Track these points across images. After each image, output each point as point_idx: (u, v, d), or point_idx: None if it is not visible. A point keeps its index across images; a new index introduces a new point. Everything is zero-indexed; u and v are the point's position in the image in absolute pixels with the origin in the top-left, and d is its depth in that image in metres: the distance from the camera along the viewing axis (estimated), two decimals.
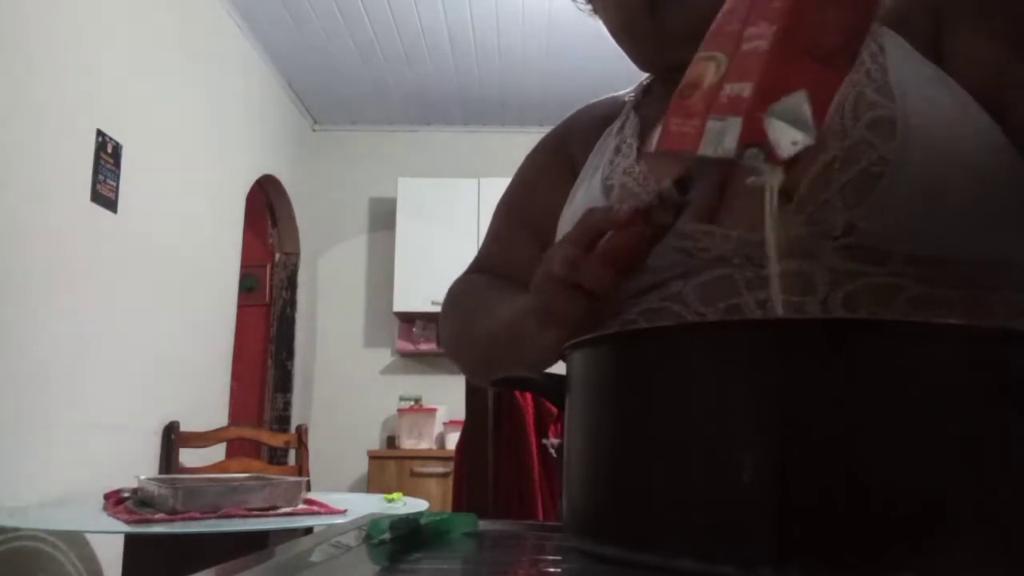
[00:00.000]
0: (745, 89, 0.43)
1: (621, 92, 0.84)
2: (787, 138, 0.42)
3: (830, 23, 0.44)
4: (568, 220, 0.73)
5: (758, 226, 0.58)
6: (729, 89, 0.44)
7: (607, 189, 0.68)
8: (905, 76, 0.58)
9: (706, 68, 0.46)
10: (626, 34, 0.74)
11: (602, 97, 0.86)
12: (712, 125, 0.44)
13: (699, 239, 0.60)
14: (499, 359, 0.73)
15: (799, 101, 0.42)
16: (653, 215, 0.52)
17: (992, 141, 0.55)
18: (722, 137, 0.43)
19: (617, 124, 0.76)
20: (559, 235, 0.72)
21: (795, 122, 0.42)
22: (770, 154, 0.42)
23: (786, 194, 0.58)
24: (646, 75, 0.83)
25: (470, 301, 0.82)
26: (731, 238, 0.59)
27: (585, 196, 0.71)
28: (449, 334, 0.83)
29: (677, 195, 0.51)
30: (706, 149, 0.44)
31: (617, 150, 0.72)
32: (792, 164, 0.42)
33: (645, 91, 0.80)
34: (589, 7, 0.80)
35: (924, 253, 0.54)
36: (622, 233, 0.54)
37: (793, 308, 0.56)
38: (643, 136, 0.72)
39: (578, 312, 0.57)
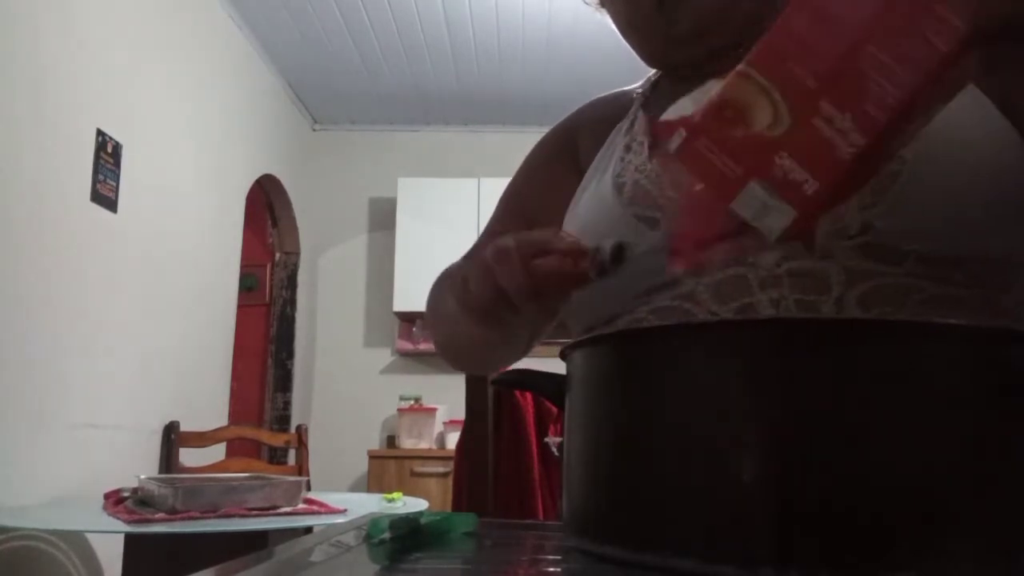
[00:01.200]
0: (810, 185, 0.38)
1: (629, 87, 0.83)
2: (773, 223, 0.41)
3: (895, 144, 0.40)
4: (574, 220, 0.72)
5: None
6: (788, 164, 0.39)
7: (619, 187, 0.68)
8: None
9: (758, 103, 0.39)
10: (633, 30, 0.74)
11: (609, 93, 0.85)
12: (757, 192, 0.40)
13: None
14: (452, 341, 0.75)
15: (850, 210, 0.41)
16: (581, 261, 0.50)
17: (1009, 140, 0.55)
18: (765, 213, 0.40)
19: (626, 123, 0.76)
20: None
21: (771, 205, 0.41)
22: (808, 247, 0.42)
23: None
24: (652, 71, 0.82)
25: (443, 283, 0.82)
26: None
27: (595, 194, 0.71)
28: (427, 310, 0.84)
29: (608, 260, 0.49)
30: (742, 210, 0.40)
31: (628, 148, 0.71)
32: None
33: (653, 86, 0.80)
34: (596, 1, 0.80)
35: (939, 253, 0.54)
36: (554, 257, 0.51)
37: (808, 308, 0.56)
38: (653, 134, 0.71)
39: (484, 299, 0.54)
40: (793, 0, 0.40)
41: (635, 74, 0.82)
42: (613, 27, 0.77)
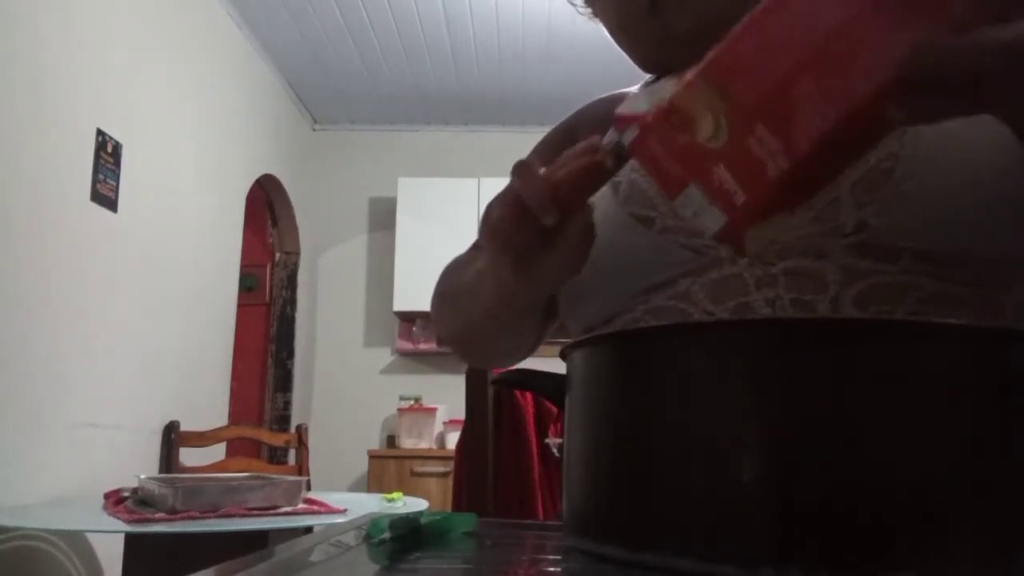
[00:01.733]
0: (739, 197, 0.41)
1: (627, 89, 0.84)
2: (760, 244, 0.43)
3: (828, 172, 0.43)
4: None
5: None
6: (723, 176, 0.41)
7: (615, 186, 0.68)
8: None
9: (702, 115, 0.42)
10: (626, 35, 0.74)
11: (608, 93, 0.86)
12: (695, 195, 0.42)
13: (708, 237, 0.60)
14: (469, 315, 0.72)
15: (782, 223, 0.43)
16: (600, 153, 0.50)
17: (1005, 137, 0.55)
18: (701, 215, 0.43)
19: None
20: None
21: (770, 239, 0.44)
22: (739, 251, 0.43)
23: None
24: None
25: (452, 269, 0.82)
26: None
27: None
28: (432, 303, 0.82)
29: (622, 149, 0.49)
30: (683, 208, 0.43)
31: None
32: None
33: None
34: (589, 11, 0.80)
35: (935, 250, 0.54)
36: (573, 162, 0.51)
37: (804, 307, 0.56)
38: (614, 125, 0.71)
39: (508, 220, 0.53)
40: (746, 19, 0.41)
41: (635, 74, 0.82)
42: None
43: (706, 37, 0.68)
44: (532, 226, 0.52)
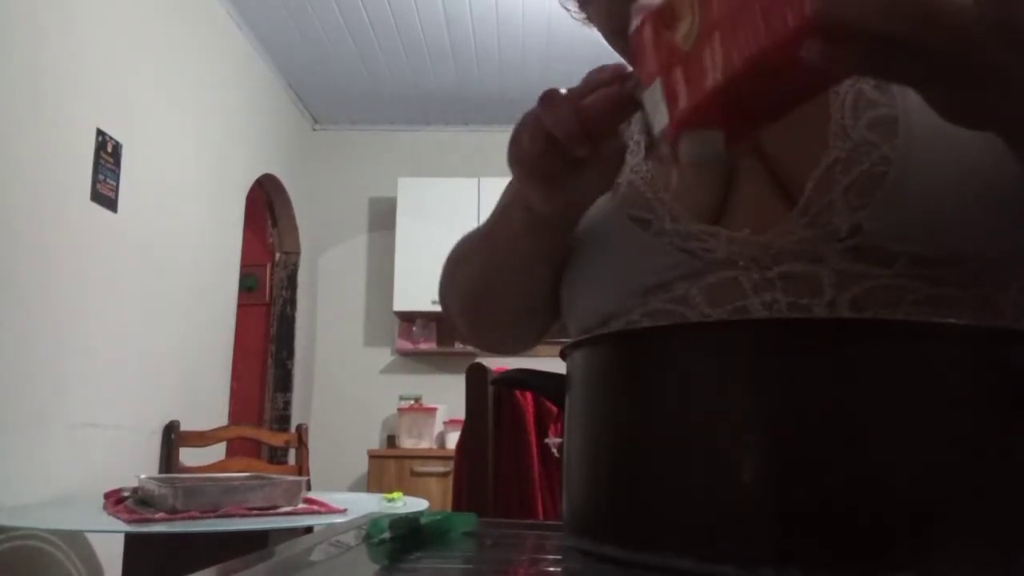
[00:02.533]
0: (682, 100, 0.43)
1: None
2: (691, 155, 0.45)
3: (766, 95, 0.43)
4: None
5: (764, 228, 0.58)
6: (677, 76, 0.44)
7: (614, 187, 0.68)
8: None
9: (684, 15, 0.44)
10: (619, 39, 0.74)
11: None
12: (657, 90, 0.45)
13: (704, 240, 0.60)
14: (490, 260, 0.72)
15: (714, 140, 0.44)
16: (630, 82, 0.50)
17: (996, 138, 0.55)
18: (655, 110, 0.45)
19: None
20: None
21: (699, 154, 0.45)
22: (674, 156, 0.45)
23: (790, 196, 0.58)
24: None
25: (461, 240, 0.82)
26: (737, 240, 0.59)
27: None
28: (444, 273, 0.81)
29: None
30: (646, 101, 0.46)
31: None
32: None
33: None
34: (583, 16, 0.80)
35: (931, 253, 0.54)
36: (598, 93, 0.51)
37: (800, 311, 0.56)
38: (649, 132, 0.71)
39: (537, 150, 0.53)
40: None
41: None
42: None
43: None
44: (561, 155, 0.52)
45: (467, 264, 0.77)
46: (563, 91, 0.52)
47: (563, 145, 0.51)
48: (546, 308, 0.75)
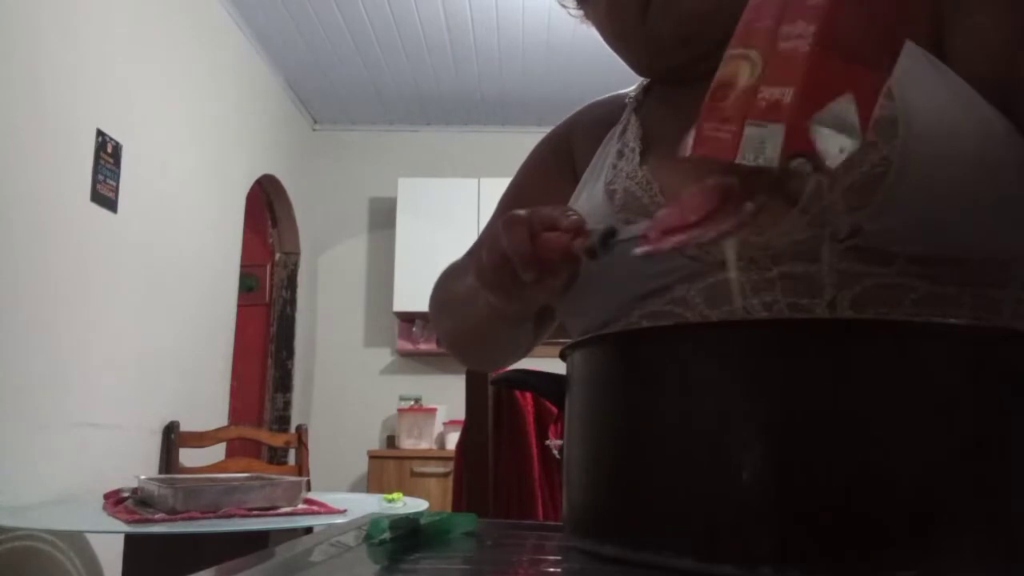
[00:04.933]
0: (787, 94, 0.40)
1: (623, 91, 0.84)
2: (835, 146, 0.40)
3: (869, 23, 0.41)
4: None
5: (762, 229, 0.58)
6: (767, 93, 0.41)
7: (610, 194, 0.68)
8: (905, 71, 0.57)
9: (740, 68, 0.43)
10: (619, 40, 0.74)
11: (605, 96, 0.86)
12: (751, 132, 0.41)
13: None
14: (463, 325, 0.77)
15: (846, 106, 0.40)
16: (579, 242, 0.53)
17: (995, 133, 0.54)
18: (763, 145, 0.40)
19: (619, 128, 0.76)
20: None
21: (843, 128, 0.40)
22: (817, 163, 0.40)
23: (790, 197, 0.58)
24: None
25: (449, 275, 0.85)
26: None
27: (588, 201, 0.71)
28: (430, 308, 0.86)
29: (597, 244, 0.51)
30: (745, 157, 0.41)
31: (620, 154, 0.72)
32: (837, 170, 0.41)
33: (646, 91, 0.80)
34: (580, 13, 0.80)
35: (930, 252, 0.54)
36: (555, 236, 0.55)
37: (800, 311, 0.56)
38: (645, 140, 0.72)
39: (493, 264, 0.58)
40: None
41: (635, 75, 0.82)
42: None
43: (692, 42, 0.69)
44: (512, 272, 0.56)
45: (449, 319, 0.83)
46: (525, 216, 0.56)
47: (514, 266, 0.56)
48: (533, 336, 0.79)
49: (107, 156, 2.54)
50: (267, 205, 4.35)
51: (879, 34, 0.42)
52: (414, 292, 4.21)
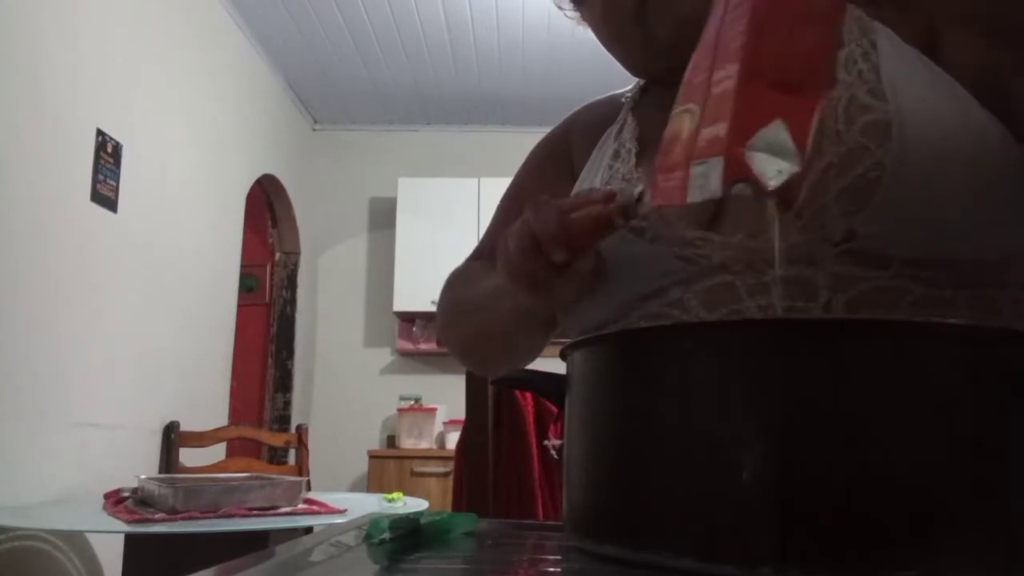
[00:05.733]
0: (721, 129, 0.43)
1: (620, 91, 0.84)
2: (772, 168, 0.42)
3: (792, 51, 0.44)
4: None
5: (757, 233, 0.58)
6: (706, 133, 0.44)
7: None
8: (898, 74, 0.57)
9: (682, 121, 0.46)
10: (615, 42, 0.75)
11: (602, 96, 0.86)
12: (696, 171, 0.44)
13: (699, 246, 0.60)
14: (484, 328, 0.77)
15: (777, 131, 0.42)
16: (613, 207, 0.54)
17: (989, 134, 0.54)
18: (707, 179, 0.43)
19: (615, 127, 0.76)
20: None
21: (778, 152, 0.42)
22: (757, 186, 0.42)
23: (784, 201, 0.58)
24: None
25: (460, 281, 0.85)
26: (731, 245, 0.59)
27: None
28: (441, 313, 0.85)
29: (633, 204, 0.53)
30: (693, 196, 0.44)
31: (616, 155, 0.72)
32: (785, 194, 0.43)
33: (643, 91, 0.80)
34: (577, 15, 0.80)
35: (926, 256, 0.54)
36: (586, 208, 0.55)
37: (796, 313, 0.56)
38: (641, 140, 0.72)
39: (522, 251, 0.57)
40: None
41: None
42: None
43: (688, 43, 0.68)
44: (544, 258, 0.56)
45: (463, 323, 0.82)
46: (550, 200, 0.56)
47: (543, 248, 0.55)
48: (542, 343, 0.79)
49: (107, 156, 2.54)
50: (267, 205, 4.35)
51: (804, 57, 0.45)
52: (414, 292, 4.21)
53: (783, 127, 0.42)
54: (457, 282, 0.85)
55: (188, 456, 2.90)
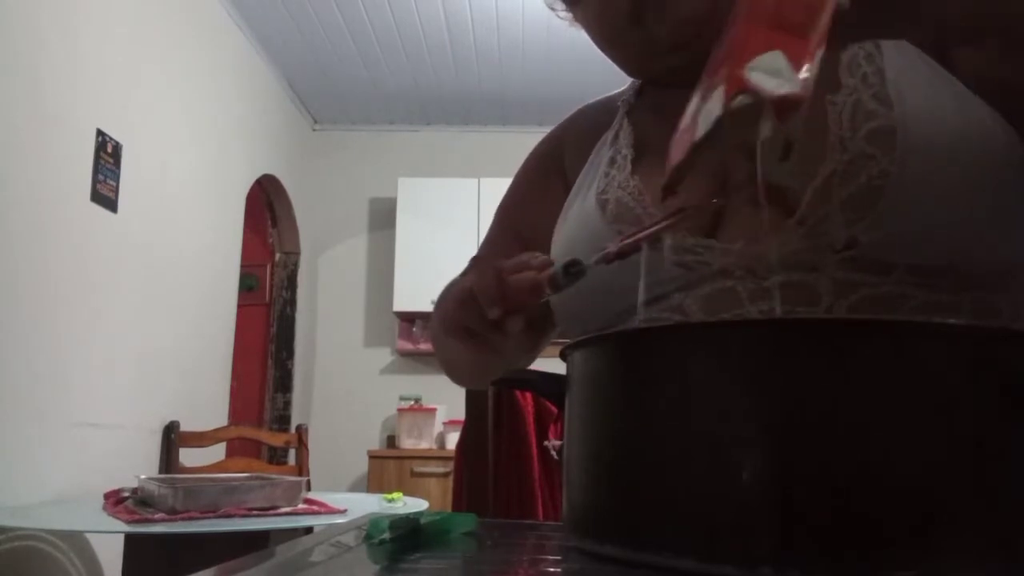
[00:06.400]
0: (723, 70, 0.44)
1: (616, 92, 0.83)
2: (770, 82, 0.42)
3: (791, 3, 0.46)
4: (561, 237, 0.72)
5: (758, 239, 0.58)
6: (708, 81, 0.45)
7: (602, 204, 0.67)
8: (903, 78, 0.57)
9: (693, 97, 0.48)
10: (611, 44, 0.73)
11: (597, 98, 0.85)
12: (702, 109, 0.45)
13: (699, 253, 0.60)
14: (455, 358, 0.77)
15: (774, 57, 0.43)
16: (543, 275, 0.55)
17: (994, 137, 0.54)
18: (711, 111, 0.44)
19: (611, 133, 0.75)
20: (553, 250, 0.72)
21: (775, 73, 0.43)
22: (757, 96, 0.42)
23: (787, 207, 0.58)
24: None
25: (447, 295, 0.84)
26: (731, 251, 0.58)
27: (580, 211, 0.70)
28: (431, 326, 0.87)
29: (560, 275, 0.53)
30: (700, 129, 0.45)
31: (612, 162, 0.71)
32: (783, 111, 0.42)
33: (638, 93, 0.79)
34: (569, 16, 0.79)
35: (928, 262, 0.54)
36: (522, 273, 0.56)
37: (796, 314, 0.56)
38: (637, 147, 0.71)
39: (461, 311, 0.58)
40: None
41: None
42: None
43: (686, 45, 0.68)
44: (479, 315, 0.56)
45: (439, 348, 0.83)
46: (494, 264, 0.57)
47: (481, 303, 0.56)
48: (531, 353, 0.78)
49: (107, 156, 2.54)
50: (267, 205, 4.35)
51: (803, 5, 0.46)
52: (414, 292, 4.21)
53: (781, 55, 0.43)
54: (442, 302, 0.85)
55: (188, 456, 2.90)
